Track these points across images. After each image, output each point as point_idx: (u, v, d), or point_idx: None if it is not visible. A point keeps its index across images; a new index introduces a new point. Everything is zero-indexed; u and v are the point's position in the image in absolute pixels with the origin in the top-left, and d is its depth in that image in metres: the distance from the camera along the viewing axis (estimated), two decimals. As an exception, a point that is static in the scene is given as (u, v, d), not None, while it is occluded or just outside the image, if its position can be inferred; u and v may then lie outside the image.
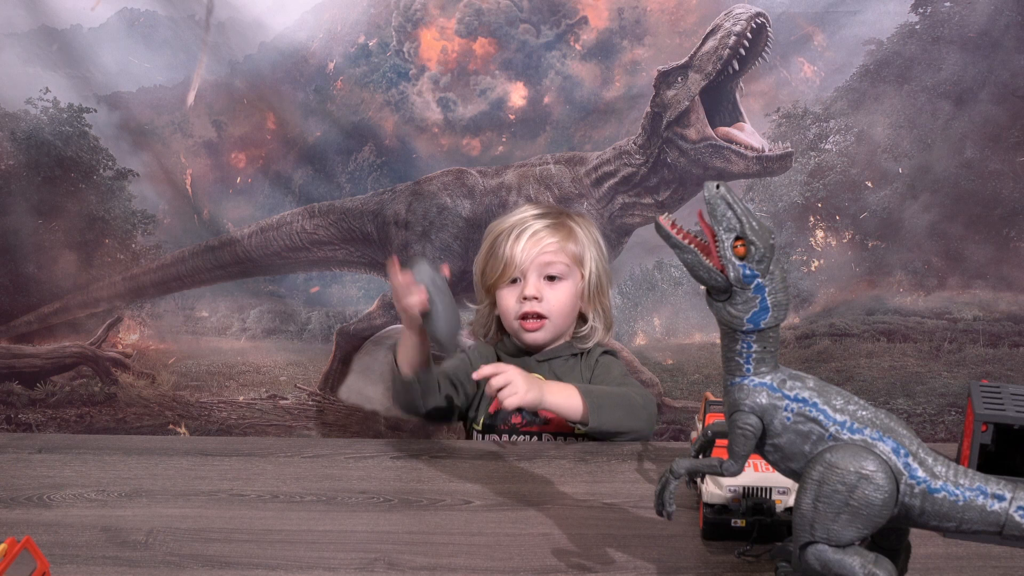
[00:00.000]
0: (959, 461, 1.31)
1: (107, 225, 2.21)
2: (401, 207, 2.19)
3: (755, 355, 0.96)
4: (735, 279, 0.94)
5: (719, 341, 0.99)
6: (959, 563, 1.17)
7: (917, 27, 2.03)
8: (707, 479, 1.23)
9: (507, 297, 1.76)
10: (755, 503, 1.19)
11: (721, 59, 2.04)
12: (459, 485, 1.40)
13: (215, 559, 1.19)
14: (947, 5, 2.02)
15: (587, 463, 1.48)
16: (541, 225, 1.76)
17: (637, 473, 1.45)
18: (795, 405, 0.96)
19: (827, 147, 2.11)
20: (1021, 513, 0.92)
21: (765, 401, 0.97)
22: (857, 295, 2.20)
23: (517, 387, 1.51)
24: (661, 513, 1.04)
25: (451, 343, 1.50)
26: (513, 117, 2.13)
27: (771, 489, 1.20)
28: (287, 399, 2.31)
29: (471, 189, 2.17)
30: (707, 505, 1.22)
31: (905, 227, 2.15)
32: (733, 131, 2.09)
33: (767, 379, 0.97)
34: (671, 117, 2.09)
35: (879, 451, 0.93)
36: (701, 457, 1.15)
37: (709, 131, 2.09)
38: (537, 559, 1.19)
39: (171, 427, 2.32)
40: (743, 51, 2.03)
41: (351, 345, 2.28)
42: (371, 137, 2.15)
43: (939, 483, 0.93)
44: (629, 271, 2.22)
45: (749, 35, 2.03)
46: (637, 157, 2.12)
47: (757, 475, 1.20)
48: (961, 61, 2.04)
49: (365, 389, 2.30)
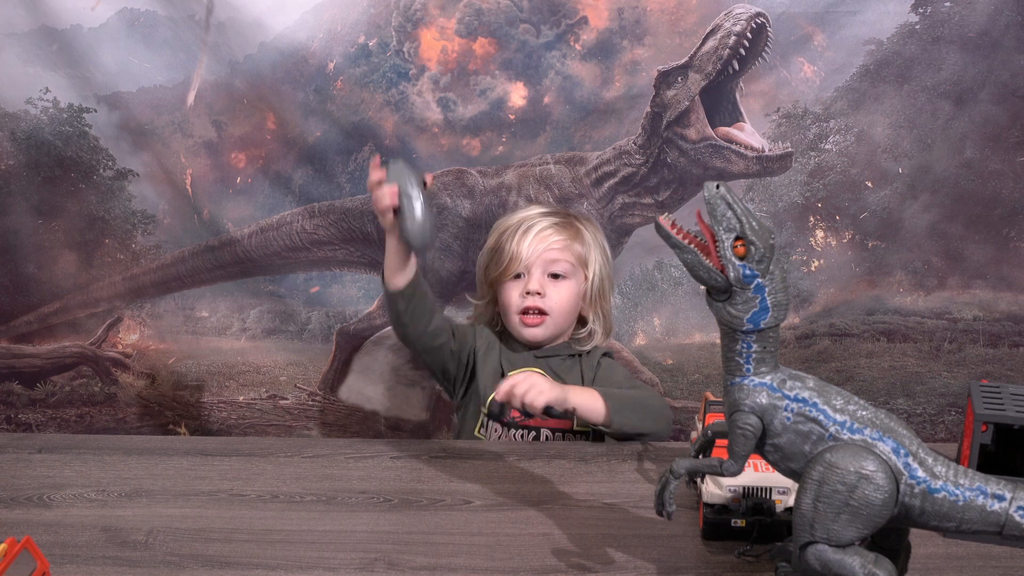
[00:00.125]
0: (959, 461, 1.31)
1: (107, 225, 2.21)
2: (401, 207, 2.19)
3: (755, 355, 0.97)
4: (735, 279, 0.94)
5: (719, 341, 0.99)
6: (959, 563, 1.17)
7: (917, 27, 2.03)
8: (707, 479, 1.23)
9: (510, 291, 1.77)
10: (755, 503, 1.20)
11: (721, 59, 2.04)
12: (459, 485, 1.40)
13: (215, 559, 1.19)
14: (947, 5, 2.02)
15: (587, 463, 1.48)
16: (548, 223, 1.77)
17: (637, 473, 1.45)
18: (795, 405, 0.96)
19: (827, 147, 2.11)
20: (1021, 513, 0.92)
21: (765, 401, 0.97)
22: (857, 295, 2.20)
23: (541, 387, 1.53)
24: (661, 513, 1.04)
25: (420, 244, 1.48)
26: (513, 117, 2.13)
27: (771, 489, 1.20)
28: (287, 399, 2.30)
29: (471, 189, 2.17)
30: (707, 505, 1.22)
31: (905, 227, 2.15)
32: (733, 131, 2.09)
33: (767, 379, 0.97)
34: (671, 117, 2.08)
35: (879, 451, 0.93)
36: (701, 457, 1.15)
37: (709, 131, 2.09)
38: (537, 559, 1.19)
39: (171, 427, 2.32)
40: (743, 51, 2.03)
41: (351, 345, 2.28)
42: (371, 137, 2.15)
43: (939, 483, 0.93)
44: (629, 271, 2.22)
45: (749, 35, 2.02)
46: (637, 157, 2.12)
47: (757, 475, 1.20)
48: (961, 61, 2.04)
49: (365, 389, 2.30)
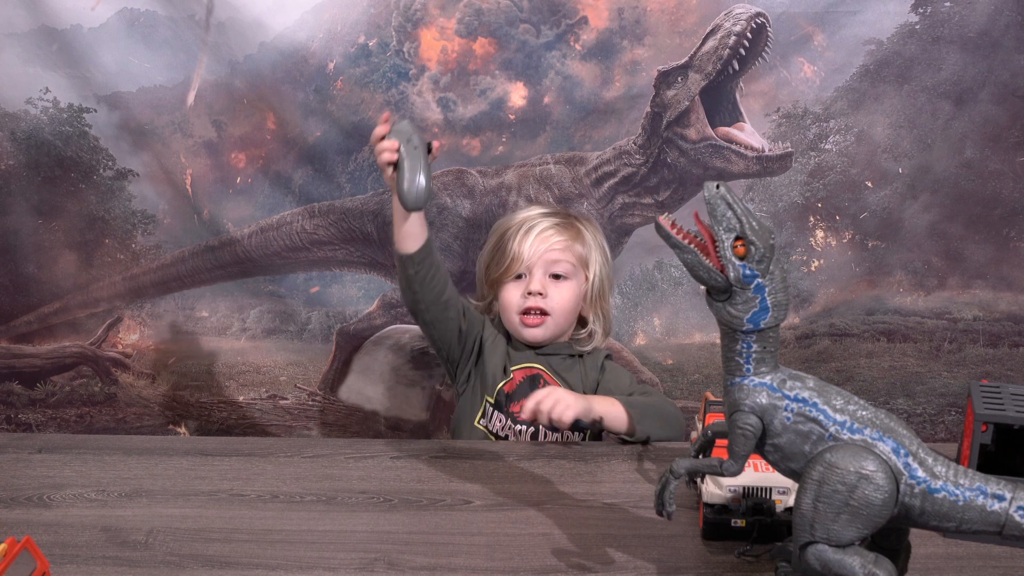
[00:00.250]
0: (959, 461, 1.31)
1: (107, 225, 2.21)
2: (401, 207, 2.19)
3: (755, 355, 0.97)
4: (735, 279, 0.94)
5: (719, 341, 0.99)
6: (959, 563, 1.17)
7: (917, 27, 2.03)
8: (707, 479, 1.23)
9: (511, 292, 1.77)
10: (755, 503, 1.20)
11: (721, 59, 2.04)
12: (459, 485, 1.40)
13: (215, 559, 1.19)
14: (947, 5, 2.02)
15: (587, 463, 1.48)
16: (550, 223, 1.78)
17: (637, 473, 1.45)
18: (795, 405, 0.96)
19: (827, 147, 2.11)
20: (1021, 513, 0.92)
21: (765, 401, 0.97)
22: (857, 295, 2.20)
23: (567, 400, 1.54)
24: (661, 513, 1.04)
25: (413, 204, 1.49)
26: (513, 117, 2.13)
27: (771, 489, 1.20)
28: (287, 399, 2.30)
29: (471, 189, 2.17)
30: (707, 505, 1.22)
31: (905, 227, 2.14)
32: (733, 131, 2.09)
33: (767, 379, 0.97)
34: (671, 117, 2.08)
35: (879, 451, 0.93)
36: (701, 457, 1.15)
37: (709, 131, 2.09)
38: (537, 559, 1.19)
39: (171, 427, 2.32)
40: (743, 51, 2.03)
41: (351, 345, 2.28)
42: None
43: (939, 483, 0.93)
44: (629, 271, 2.21)
45: (749, 35, 2.02)
46: (637, 157, 2.12)
47: (757, 475, 1.20)
48: (961, 61, 2.04)
49: (365, 389, 2.30)
